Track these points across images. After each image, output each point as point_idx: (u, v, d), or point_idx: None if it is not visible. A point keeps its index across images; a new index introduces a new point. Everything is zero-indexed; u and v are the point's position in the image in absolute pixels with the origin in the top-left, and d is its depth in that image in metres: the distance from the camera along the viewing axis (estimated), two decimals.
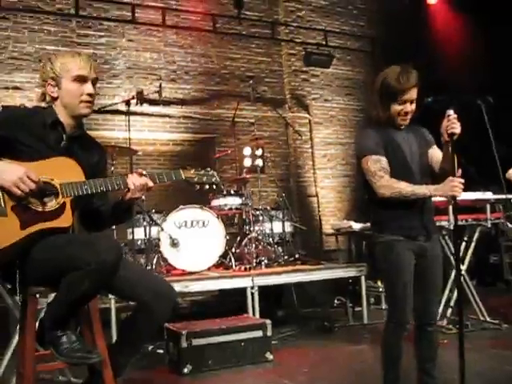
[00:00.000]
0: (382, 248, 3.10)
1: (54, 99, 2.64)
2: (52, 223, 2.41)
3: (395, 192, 2.93)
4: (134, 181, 2.58)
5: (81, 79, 2.62)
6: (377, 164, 2.99)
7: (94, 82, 2.68)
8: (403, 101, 3.02)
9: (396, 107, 3.03)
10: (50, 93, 2.63)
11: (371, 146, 3.03)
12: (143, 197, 6.01)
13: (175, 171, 2.74)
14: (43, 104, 2.69)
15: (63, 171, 2.50)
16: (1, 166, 2.35)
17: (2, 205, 2.34)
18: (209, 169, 2.86)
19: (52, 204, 2.42)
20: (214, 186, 2.84)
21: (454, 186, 2.81)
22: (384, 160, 3.00)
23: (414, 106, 3.06)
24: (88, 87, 2.64)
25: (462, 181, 2.83)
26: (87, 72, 2.64)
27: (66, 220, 2.39)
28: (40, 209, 2.40)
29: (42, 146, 2.54)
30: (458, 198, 2.89)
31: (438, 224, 5.25)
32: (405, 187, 2.92)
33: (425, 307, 3.07)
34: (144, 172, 2.65)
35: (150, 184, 2.63)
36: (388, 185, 2.95)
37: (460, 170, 2.91)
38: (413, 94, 3.02)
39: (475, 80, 7.16)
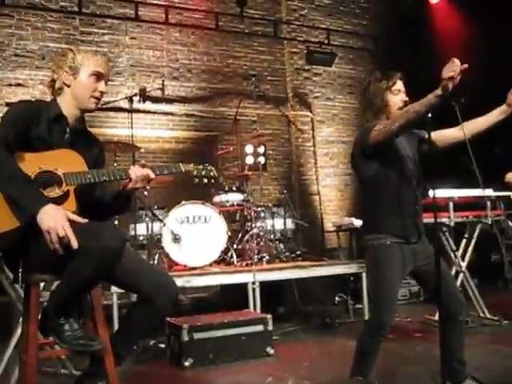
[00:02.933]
0: (373, 249, 3.14)
1: (66, 86, 2.68)
2: None
3: (403, 118, 2.88)
4: (136, 171, 2.64)
5: (98, 76, 2.71)
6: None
7: (106, 82, 2.78)
8: (397, 90, 3.15)
9: (393, 99, 3.14)
10: (64, 79, 2.67)
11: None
12: (145, 192, 6.06)
13: (175, 164, 2.83)
14: (48, 93, 2.75)
15: (67, 162, 2.55)
16: (50, 210, 2.33)
17: None
18: (207, 164, 2.94)
19: (56, 192, 2.46)
20: (213, 180, 2.93)
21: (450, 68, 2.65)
22: None
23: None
24: (102, 85, 2.73)
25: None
26: (105, 71, 2.74)
27: (70, 205, 2.43)
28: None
29: (48, 138, 2.60)
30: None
31: (438, 220, 5.30)
32: (408, 109, 2.87)
33: (452, 298, 3.09)
34: (145, 164, 2.71)
35: (152, 175, 2.68)
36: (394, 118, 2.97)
37: None
38: (402, 85, 3.16)
39: (477, 79, 7.17)
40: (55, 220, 2.28)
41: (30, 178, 2.44)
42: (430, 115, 3.06)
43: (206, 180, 2.89)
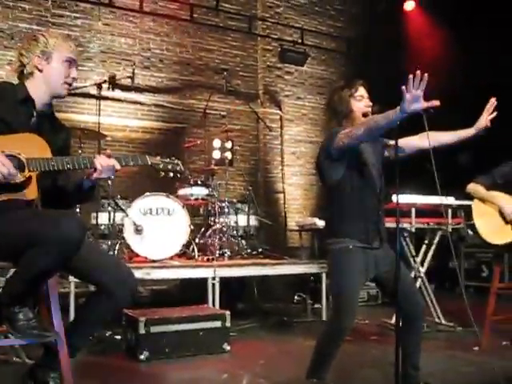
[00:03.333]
0: (336, 253, 3.15)
1: (38, 71, 2.63)
2: (17, 194, 2.41)
3: (366, 124, 2.90)
4: (102, 162, 2.59)
5: (70, 62, 2.71)
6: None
7: (76, 67, 2.78)
8: (360, 96, 3.17)
9: (357, 104, 3.17)
10: (36, 64, 2.62)
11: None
12: (110, 182, 5.97)
13: (141, 156, 2.78)
14: (15, 75, 2.69)
15: (31, 147, 2.50)
16: None
17: None
18: (174, 157, 2.90)
19: (18, 177, 2.40)
20: (178, 175, 2.90)
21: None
22: None
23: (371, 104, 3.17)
24: (74, 71, 2.74)
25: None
26: (76, 57, 2.76)
27: (31, 192, 2.39)
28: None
29: (12, 120, 2.54)
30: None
31: (400, 226, 5.36)
32: (373, 117, 2.91)
33: (412, 302, 3.14)
34: (111, 153, 2.67)
35: (117, 166, 2.63)
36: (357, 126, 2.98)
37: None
38: (364, 91, 3.19)
39: (449, 85, 7.28)
40: None
41: None
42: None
43: (171, 174, 2.86)
